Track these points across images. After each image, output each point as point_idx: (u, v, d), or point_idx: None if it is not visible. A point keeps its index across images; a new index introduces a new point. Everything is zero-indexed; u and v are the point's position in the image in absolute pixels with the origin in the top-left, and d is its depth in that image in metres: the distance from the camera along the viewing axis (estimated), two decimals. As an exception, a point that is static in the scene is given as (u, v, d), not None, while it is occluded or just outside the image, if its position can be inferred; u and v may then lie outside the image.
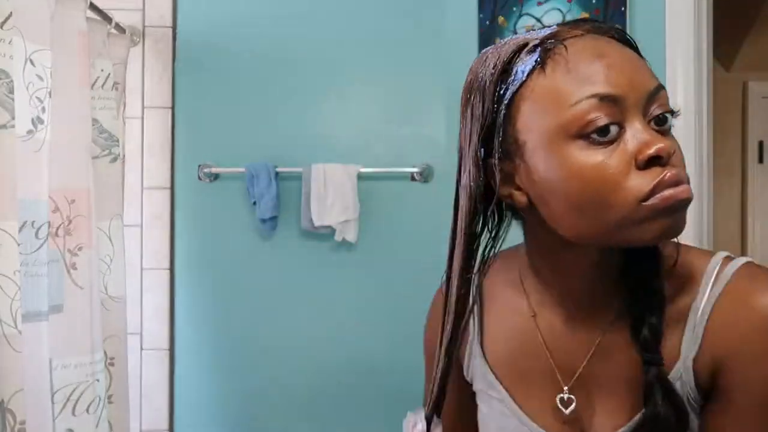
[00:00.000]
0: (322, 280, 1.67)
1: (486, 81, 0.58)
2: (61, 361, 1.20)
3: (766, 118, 3.19)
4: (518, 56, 0.57)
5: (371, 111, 1.69)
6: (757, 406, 0.55)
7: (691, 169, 1.50)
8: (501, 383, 0.67)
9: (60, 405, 1.20)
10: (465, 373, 0.73)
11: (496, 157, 0.58)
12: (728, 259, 0.59)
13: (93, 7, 1.35)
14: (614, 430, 0.61)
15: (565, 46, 0.55)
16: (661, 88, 0.54)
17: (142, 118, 1.67)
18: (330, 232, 1.61)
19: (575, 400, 0.62)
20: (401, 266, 1.65)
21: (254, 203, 1.61)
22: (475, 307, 0.71)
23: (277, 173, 1.61)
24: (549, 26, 0.58)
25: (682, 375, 0.58)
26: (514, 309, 0.67)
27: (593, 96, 0.52)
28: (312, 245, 1.67)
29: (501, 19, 1.63)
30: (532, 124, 0.55)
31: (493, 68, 0.58)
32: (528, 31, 0.61)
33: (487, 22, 1.64)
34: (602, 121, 0.51)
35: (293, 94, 1.68)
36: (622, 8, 1.54)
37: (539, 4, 1.60)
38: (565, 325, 0.63)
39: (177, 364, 1.67)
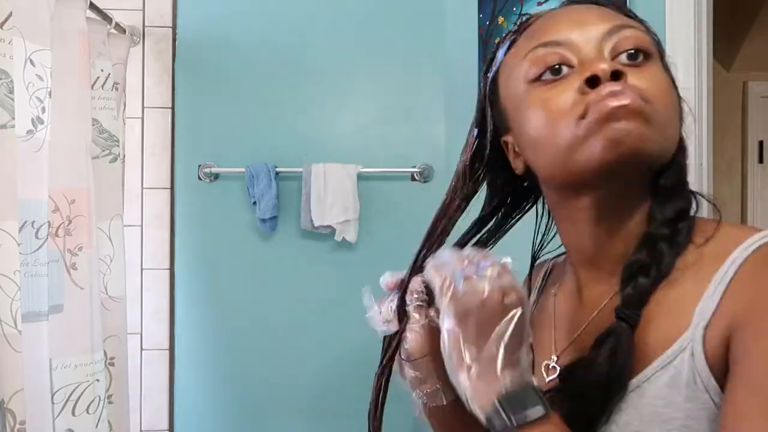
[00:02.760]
0: (322, 280, 1.67)
1: (482, 73, 0.67)
2: (61, 361, 1.20)
3: (766, 118, 3.19)
4: (502, 43, 0.66)
5: (371, 111, 1.69)
6: (761, 378, 0.49)
7: (691, 169, 1.52)
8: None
9: (60, 405, 1.20)
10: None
11: (489, 130, 0.66)
12: None
13: (93, 7, 1.35)
14: None
15: (531, 22, 0.62)
16: (622, 27, 0.57)
17: (142, 118, 1.67)
18: (330, 232, 1.61)
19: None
20: (401, 266, 1.64)
21: (254, 203, 1.61)
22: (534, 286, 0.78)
23: (277, 173, 1.61)
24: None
25: (689, 345, 0.53)
26: (549, 291, 0.74)
27: (538, 45, 0.58)
28: (312, 245, 1.67)
29: (501, 19, 1.63)
30: (508, 90, 0.62)
31: (485, 61, 0.66)
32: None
33: (487, 22, 1.64)
34: (551, 58, 0.57)
35: (293, 94, 1.68)
36: (622, 8, 1.54)
37: (539, 4, 1.60)
38: (578, 294, 0.66)
39: (177, 364, 1.67)
